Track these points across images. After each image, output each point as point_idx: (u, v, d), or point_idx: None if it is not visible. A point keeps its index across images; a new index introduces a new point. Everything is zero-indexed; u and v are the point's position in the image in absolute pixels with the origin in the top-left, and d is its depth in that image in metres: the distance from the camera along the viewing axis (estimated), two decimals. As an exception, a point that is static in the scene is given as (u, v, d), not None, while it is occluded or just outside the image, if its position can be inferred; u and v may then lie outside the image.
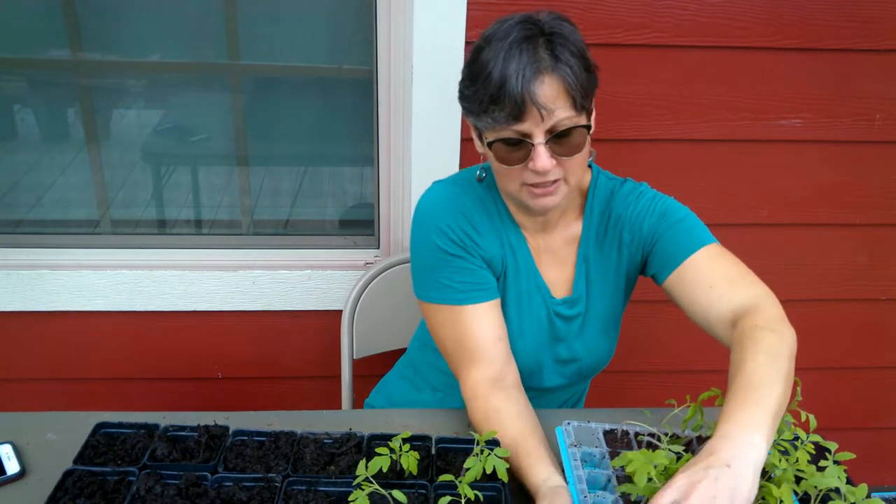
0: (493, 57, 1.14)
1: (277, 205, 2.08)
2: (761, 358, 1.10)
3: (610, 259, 1.39)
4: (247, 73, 1.94)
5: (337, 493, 1.13)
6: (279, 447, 1.22)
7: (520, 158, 1.19)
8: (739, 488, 0.95)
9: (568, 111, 1.15)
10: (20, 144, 1.98)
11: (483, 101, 1.15)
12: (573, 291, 1.40)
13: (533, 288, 1.38)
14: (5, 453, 1.22)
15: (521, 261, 1.37)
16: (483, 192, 1.36)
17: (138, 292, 1.93)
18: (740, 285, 1.24)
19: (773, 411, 1.03)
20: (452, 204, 1.33)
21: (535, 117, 1.14)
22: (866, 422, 2.33)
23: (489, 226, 1.35)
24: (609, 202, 1.38)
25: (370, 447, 1.22)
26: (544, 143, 1.16)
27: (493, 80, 1.13)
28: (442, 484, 1.11)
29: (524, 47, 1.13)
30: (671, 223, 1.32)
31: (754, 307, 1.20)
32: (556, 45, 1.15)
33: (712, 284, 1.25)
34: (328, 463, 1.20)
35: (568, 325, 1.41)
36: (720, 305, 1.23)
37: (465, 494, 1.06)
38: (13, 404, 2.07)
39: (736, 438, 0.99)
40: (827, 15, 1.77)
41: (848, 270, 2.08)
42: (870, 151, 1.94)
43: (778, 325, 1.17)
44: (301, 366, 2.07)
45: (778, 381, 1.07)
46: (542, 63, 1.13)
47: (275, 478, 1.14)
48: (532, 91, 1.12)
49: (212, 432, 1.24)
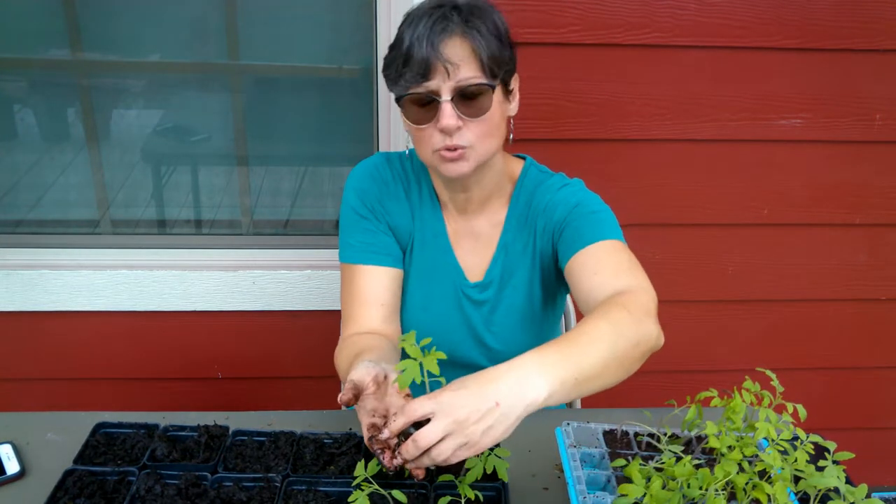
0: (408, 26, 1.21)
1: (277, 205, 2.08)
2: (602, 324, 1.05)
3: (527, 248, 1.40)
4: (247, 73, 1.94)
5: (337, 493, 1.13)
6: (279, 447, 1.22)
7: (429, 118, 1.22)
8: (496, 429, 0.93)
9: (475, 71, 1.19)
10: (20, 144, 1.99)
11: (398, 65, 1.21)
12: (485, 276, 1.42)
13: (445, 267, 1.42)
14: (5, 453, 1.22)
15: (432, 238, 1.41)
16: (410, 169, 1.42)
17: (138, 292, 1.93)
18: (624, 275, 1.19)
19: (576, 369, 0.98)
20: (374, 171, 1.41)
21: (441, 73, 1.18)
22: (866, 422, 2.33)
23: (404, 197, 1.41)
24: (535, 192, 1.39)
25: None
26: (450, 101, 1.20)
27: (405, 43, 1.19)
28: (442, 484, 1.11)
29: (436, 14, 1.19)
30: (583, 213, 1.30)
31: (627, 291, 1.15)
32: (468, 14, 1.20)
33: (597, 271, 1.21)
34: (328, 463, 1.20)
35: (477, 309, 1.43)
36: (599, 291, 1.17)
37: (465, 494, 1.06)
38: (13, 404, 2.07)
39: (520, 371, 0.96)
40: (827, 15, 1.77)
41: (848, 270, 2.08)
42: (870, 151, 1.94)
43: (639, 311, 1.10)
44: (301, 366, 2.07)
45: (604, 351, 1.02)
46: (451, 24, 1.18)
47: (275, 478, 1.14)
48: (438, 48, 1.17)
49: (212, 432, 1.23)
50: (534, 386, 0.95)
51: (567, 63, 1.78)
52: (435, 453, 0.93)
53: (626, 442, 1.22)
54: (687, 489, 0.99)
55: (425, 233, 1.42)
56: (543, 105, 1.82)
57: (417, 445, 0.93)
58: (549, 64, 1.78)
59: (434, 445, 0.93)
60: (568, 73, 1.79)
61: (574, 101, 1.82)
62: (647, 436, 1.22)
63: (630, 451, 1.21)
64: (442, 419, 0.92)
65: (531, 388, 0.95)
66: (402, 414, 0.96)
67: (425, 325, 1.42)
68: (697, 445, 1.22)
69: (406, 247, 1.43)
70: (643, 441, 1.23)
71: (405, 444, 0.94)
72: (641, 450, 1.22)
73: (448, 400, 0.94)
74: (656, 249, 2.01)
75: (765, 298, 2.08)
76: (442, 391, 0.96)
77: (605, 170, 1.90)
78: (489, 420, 0.93)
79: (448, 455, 0.93)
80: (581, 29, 1.75)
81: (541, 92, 1.80)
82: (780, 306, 2.10)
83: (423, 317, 1.43)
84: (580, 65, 1.79)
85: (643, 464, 1.07)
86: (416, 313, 1.44)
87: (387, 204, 1.40)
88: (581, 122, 1.84)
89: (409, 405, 0.96)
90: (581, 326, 1.05)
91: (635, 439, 1.23)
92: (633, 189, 1.93)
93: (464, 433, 0.92)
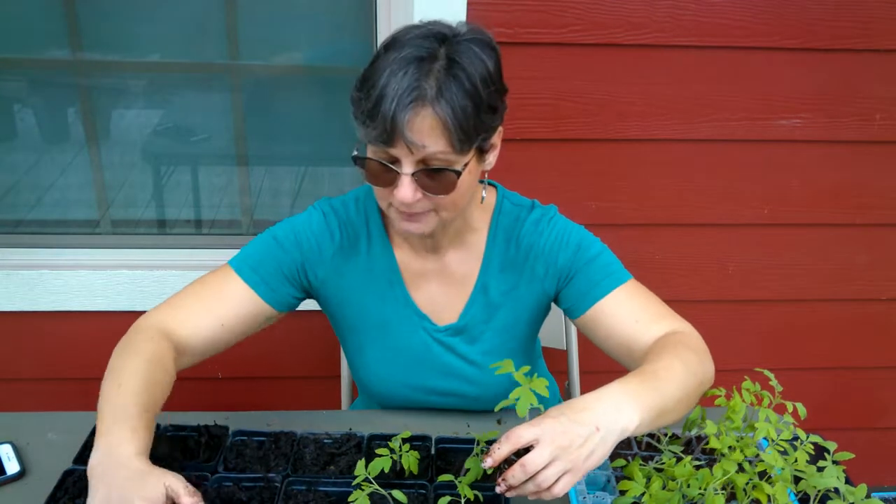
0: (382, 68, 1.06)
1: (277, 205, 2.08)
2: (676, 363, 1.10)
3: (515, 290, 1.32)
4: (247, 73, 1.94)
5: (337, 493, 1.13)
6: (279, 447, 1.22)
7: (387, 182, 1.12)
8: (596, 453, 0.96)
9: (442, 147, 1.06)
10: (20, 144, 1.98)
11: (364, 111, 1.07)
12: (459, 318, 1.33)
13: (403, 316, 1.32)
14: (5, 453, 1.22)
15: (386, 287, 1.31)
16: (354, 214, 1.31)
17: (138, 292, 1.93)
18: (666, 319, 1.24)
19: (660, 402, 1.03)
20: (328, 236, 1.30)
21: (404, 147, 1.06)
22: (866, 422, 2.33)
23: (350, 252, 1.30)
24: (515, 228, 1.30)
25: (370, 447, 1.23)
26: (411, 175, 1.09)
27: (373, 94, 1.05)
28: (441, 484, 1.11)
29: (411, 69, 1.04)
30: (588, 258, 1.27)
31: (681, 332, 1.21)
32: (448, 76, 1.05)
33: (637, 319, 1.23)
34: (328, 463, 1.20)
35: (450, 351, 1.35)
36: (645, 336, 1.21)
37: (464, 494, 1.06)
38: (13, 404, 2.06)
39: (611, 400, 1.00)
40: (827, 15, 1.77)
41: (848, 270, 2.08)
42: (870, 151, 1.94)
43: (702, 352, 1.18)
44: (301, 366, 2.07)
45: (678, 387, 1.07)
46: (422, 93, 1.04)
47: (275, 478, 1.14)
48: (402, 120, 1.03)
49: (212, 432, 1.24)
50: (627, 414, 0.99)
51: (567, 63, 1.78)
52: (541, 479, 0.95)
53: (625, 442, 1.22)
54: (686, 489, 1.00)
55: (377, 283, 1.31)
56: (543, 105, 1.82)
57: (525, 470, 0.94)
58: (549, 64, 1.78)
59: (539, 471, 0.94)
60: (568, 73, 1.79)
61: (574, 101, 1.82)
62: (646, 436, 1.22)
63: (630, 451, 1.22)
64: (547, 445, 0.94)
65: (624, 416, 0.99)
66: (507, 441, 0.96)
67: (389, 377, 1.36)
68: (697, 446, 1.22)
69: (337, 301, 1.33)
70: (643, 441, 1.23)
71: (511, 469, 0.96)
72: (641, 450, 1.22)
73: (550, 426, 0.95)
74: (656, 249, 2.01)
75: (765, 298, 2.08)
76: (542, 419, 0.97)
77: (605, 170, 1.90)
78: (590, 445, 0.96)
79: (552, 481, 0.95)
80: (581, 29, 1.75)
81: (541, 92, 1.80)
82: (780, 306, 2.10)
83: (385, 370, 1.35)
84: (580, 65, 1.79)
85: (643, 464, 1.08)
86: (377, 367, 1.36)
87: (318, 270, 1.29)
88: (581, 122, 1.84)
89: (514, 432, 0.96)
90: (656, 363, 1.10)
91: (635, 439, 1.23)
92: (634, 189, 1.93)
93: (568, 458, 0.95)
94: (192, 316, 1.22)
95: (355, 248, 1.31)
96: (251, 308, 1.26)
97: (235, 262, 1.28)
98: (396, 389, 1.38)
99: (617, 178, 1.92)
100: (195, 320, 1.22)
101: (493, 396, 1.34)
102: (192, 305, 1.23)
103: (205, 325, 1.22)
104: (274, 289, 1.27)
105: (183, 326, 1.21)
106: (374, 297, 1.32)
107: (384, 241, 1.31)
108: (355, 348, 1.38)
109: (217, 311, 1.23)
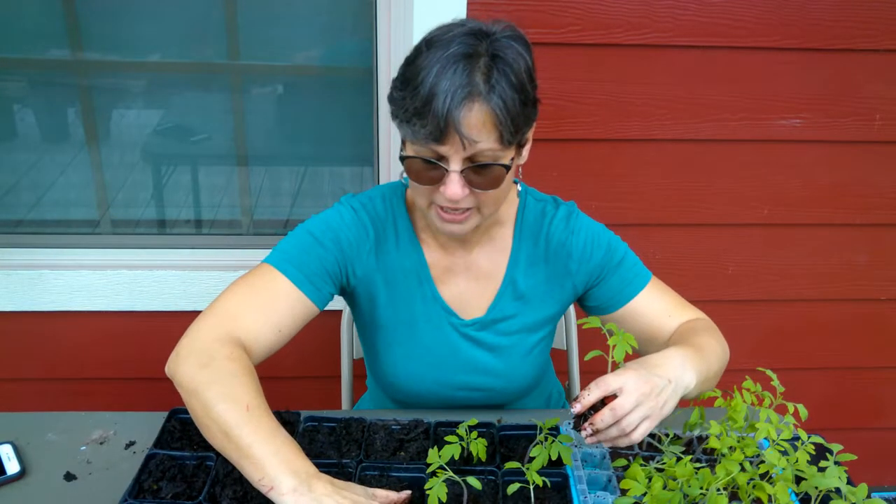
0: (428, 66, 1.06)
1: (277, 205, 2.08)
2: (713, 343, 1.25)
3: (546, 285, 1.34)
4: (247, 73, 1.94)
5: (408, 478, 1.15)
6: (350, 433, 1.25)
7: (433, 179, 1.13)
8: (669, 403, 1.08)
9: (492, 143, 1.08)
10: (20, 144, 1.98)
11: (409, 110, 1.07)
12: (487, 312, 1.34)
13: (431, 311, 1.33)
14: (5, 453, 1.22)
15: (416, 285, 1.32)
16: (382, 211, 1.30)
17: (138, 292, 1.93)
18: (688, 308, 1.37)
19: (706, 371, 1.17)
20: (361, 228, 1.28)
21: (455, 143, 1.07)
22: (866, 422, 2.33)
23: (375, 247, 1.29)
24: (543, 225, 1.33)
25: (437, 434, 1.25)
26: (459, 172, 1.10)
27: (422, 92, 1.05)
28: (510, 471, 1.14)
29: (461, 66, 1.05)
30: (619, 259, 1.34)
31: (704, 318, 1.36)
32: (495, 71, 1.07)
33: (670, 314, 1.34)
34: (398, 449, 1.23)
35: (478, 346, 1.35)
36: (674, 325, 1.34)
37: (532, 480, 1.08)
38: (13, 404, 2.06)
39: (678, 361, 1.12)
40: (827, 15, 1.77)
41: (848, 270, 2.08)
42: (870, 151, 1.94)
43: (722, 338, 1.31)
44: (301, 366, 2.07)
45: (716, 364, 1.22)
46: (475, 88, 1.05)
47: (349, 463, 1.16)
48: (457, 116, 1.04)
49: (284, 418, 1.26)
50: (689, 373, 1.13)
51: (567, 63, 1.78)
52: (625, 423, 1.04)
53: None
54: (687, 489, 1.00)
55: (407, 281, 1.32)
56: (543, 105, 1.80)
57: (615, 414, 1.04)
58: (549, 64, 1.78)
59: (625, 416, 1.03)
60: (568, 73, 1.79)
61: (574, 101, 1.82)
62: (647, 436, 1.21)
63: (631, 451, 1.22)
64: (633, 392, 1.04)
65: (688, 374, 1.12)
66: (596, 387, 1.05)
67: (417, 374, 1.36)
68: (698, 446, 1.22)
69: (370, 298, 1.33)
70: (644, 441, 1.23)
71: (600, 413, 1.04)
72: (642, 450, 1.22)
73: (634, 377, 1.05)
74: (656, 249, 2.01)
75: (765, 298, 2.08)
76: (624, 371, 1.06)
77: (605, 170, 1.90)
78: (665, 395, 1.08)
79: (635, 425, 1.05)
80: (581, 29, 1.75)
81: (541, 92, 1.78)
82: (781, 306, 2.10)
83: (414, 366, 1.35)
84: (580, 65, 1.79)
85: (644, 464, 1.08)
86: (405, 364, 1.35)
87: (357, 267, 1.29)
88: (581, 122, 1.84)
89: (602, 379, 1.05)
90: (695, 339, 1.22)
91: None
92: (634, 189, 1.93)
93: (649, 405, 1.05)
94: (253, 325, 1.18)
95: (385, 246, 1.31)
96: (300, 309, 1.23)
97: (277, 262, 1.23)
98: (424, 385, 1.38)
99: (617, 178, 1.92)
100: (256, 329, 1.18)
101: (518, 389, 1.41)
102: (250, 314, 1.19)
103: (265, 333, 1.19)
104: (319, 287, 1.25)
105: (247, 336, 1.18)
106: (403, 294, 1.33)
107: (412, 238, 1.32)
108: (384, 346, 1.38)
109: (273, 317, 1.20)
